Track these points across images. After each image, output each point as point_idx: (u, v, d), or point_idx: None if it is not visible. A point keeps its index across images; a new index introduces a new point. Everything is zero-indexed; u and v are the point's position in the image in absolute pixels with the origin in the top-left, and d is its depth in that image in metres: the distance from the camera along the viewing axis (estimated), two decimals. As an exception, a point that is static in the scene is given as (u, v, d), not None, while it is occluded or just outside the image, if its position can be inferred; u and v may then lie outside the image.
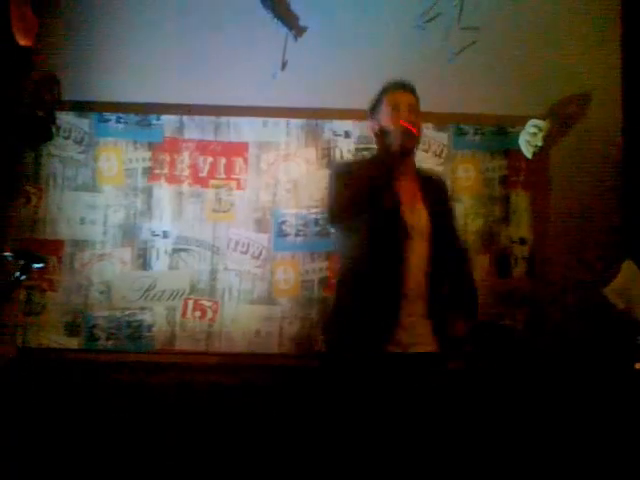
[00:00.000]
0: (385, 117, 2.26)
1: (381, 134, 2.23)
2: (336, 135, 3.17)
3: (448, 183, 2.92)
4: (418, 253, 2.18)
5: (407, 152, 2.24)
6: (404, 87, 2.31)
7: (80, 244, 3.09)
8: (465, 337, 2.24)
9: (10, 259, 2.31)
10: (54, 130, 3.07)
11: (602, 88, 3.22)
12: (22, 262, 2.26)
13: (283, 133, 3.17)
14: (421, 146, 2.54)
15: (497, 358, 3.04)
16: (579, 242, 3.15)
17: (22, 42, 2.68)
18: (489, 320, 3.08)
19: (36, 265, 2.32)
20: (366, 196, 2.10)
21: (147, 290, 3.09)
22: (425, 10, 3.23)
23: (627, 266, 2.84)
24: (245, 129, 3.16)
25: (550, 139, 3.15)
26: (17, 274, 2.26)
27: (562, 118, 3.19)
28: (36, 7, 2.75)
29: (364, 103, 3.04)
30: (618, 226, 3.16)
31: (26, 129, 3.03)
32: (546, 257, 3.14)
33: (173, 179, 3.15)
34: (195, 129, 3.16)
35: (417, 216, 2.20)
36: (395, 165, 2.17)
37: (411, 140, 2.22)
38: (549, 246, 3.15)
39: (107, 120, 3.15)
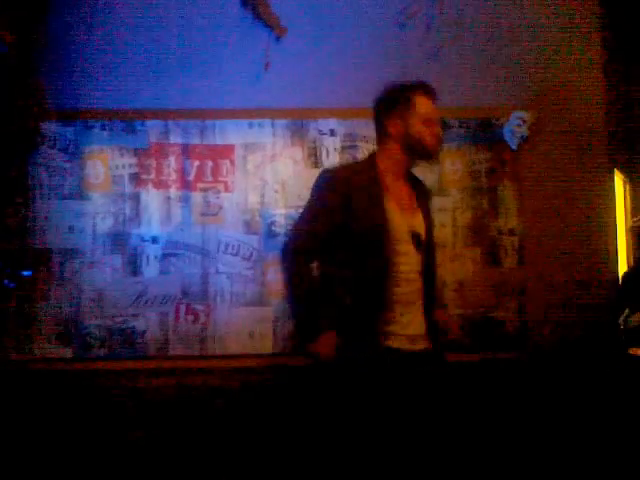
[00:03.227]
0: (414, 124, 2.07)
1: (406, 140, 2.09)
2: (321, 134, 3.17)
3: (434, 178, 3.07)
4: (417, 258, 2.11)
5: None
6: (434, 94, 2.10)
7: (69, 252, 3.07)
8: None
9: (-2, 268, 2.30)
10: (39, 139, 3.06)
11: (584, 76, 3.24)
12: (10, 270, 2.25)
13: (269, 134, 3.17)
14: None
15: (490, 349, 3.05)
16: (567, 231, 3.16)
17: None
18: (482, 312, 3.09)
19: (25, 273, 2.31)
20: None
21: (139, 296, 3.08)
22: (405, 7, 3.24)
23: None
24: (231, 131, 3.16)
25: (534, 130, 3.16)
26: (5, 282, 2.25)
27: (545, 108, 3.21)
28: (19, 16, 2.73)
29: (348, 101, 3.09)
30: (605, 213, 3.18)
31: (14, 139, 3.02)
32: (535, 247, 3.15)
33: (160, 184, 3.14)
34: (180, 133, 3.16)
35: (419, 222, 2.14)
36: (405, 172, 2.16)
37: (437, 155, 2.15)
38: (538, 236, 3.16)
39: (92, 127, 3.14)
